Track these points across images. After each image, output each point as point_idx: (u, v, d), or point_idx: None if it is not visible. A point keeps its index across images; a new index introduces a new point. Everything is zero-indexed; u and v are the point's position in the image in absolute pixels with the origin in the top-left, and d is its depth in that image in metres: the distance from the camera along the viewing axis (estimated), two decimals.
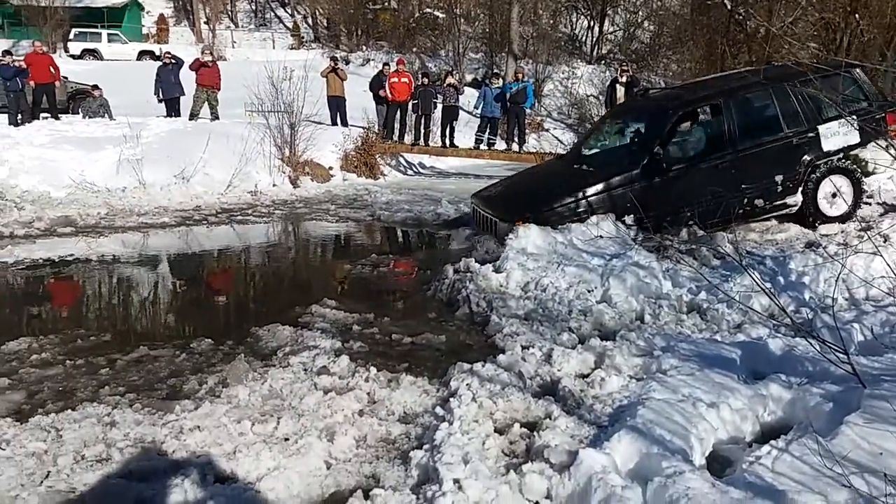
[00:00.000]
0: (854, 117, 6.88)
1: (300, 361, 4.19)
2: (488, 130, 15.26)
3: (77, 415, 3.31)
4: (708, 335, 4.53)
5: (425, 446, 3.17)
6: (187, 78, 14.39)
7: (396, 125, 15.00)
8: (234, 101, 14.72)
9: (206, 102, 14.14)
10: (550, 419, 3.34)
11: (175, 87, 14.67)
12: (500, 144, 15.57)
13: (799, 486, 2.55)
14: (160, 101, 14.72)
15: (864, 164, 7.16)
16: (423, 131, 14.86)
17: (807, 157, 7.03)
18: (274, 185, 11.95)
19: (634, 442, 2.99)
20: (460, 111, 15.90)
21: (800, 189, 7.06)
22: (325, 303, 5.49)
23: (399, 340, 4.78)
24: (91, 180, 10.43)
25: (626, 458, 2.94)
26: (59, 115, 13.96)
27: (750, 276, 4.42)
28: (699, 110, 7.72)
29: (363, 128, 14.97)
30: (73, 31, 30.62)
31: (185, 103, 14.62)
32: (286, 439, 3.26)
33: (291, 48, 34.24)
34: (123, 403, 3.53)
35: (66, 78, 15.86)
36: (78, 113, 15.18)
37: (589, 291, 5.30)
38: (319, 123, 13.85)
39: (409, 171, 15.89)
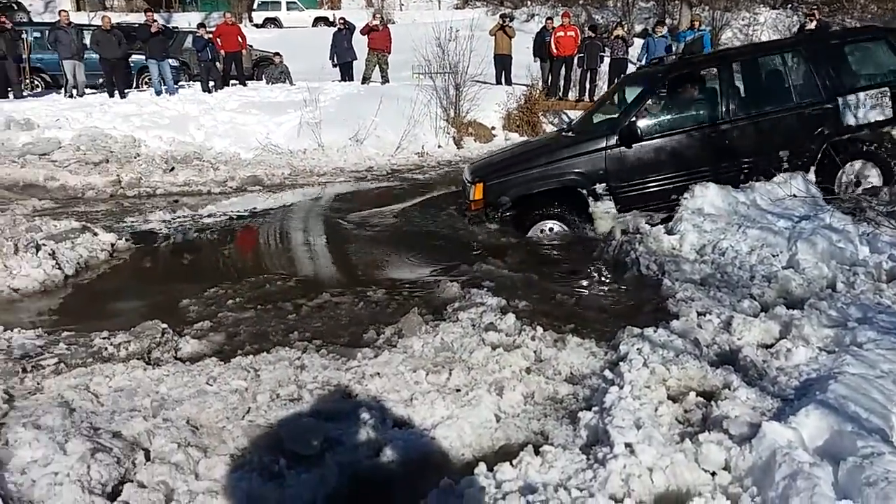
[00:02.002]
0: (886, 89, 6.02)
1: (468, 317, 4.29)
2: None
3: (272, 357, 3.63)
4: None
5: (594, 408, 3.15)
6: (359, 42, 14.95)
7: (561, 81, 14.68)
8: (403, 64, 15.10)
9: (377, 66, 14.63)
10: (729, 389, 3.19)
11: (348, 52, 15.31)
12: None
13: None
14: (335, 65, 15.44)
15: None
16: (588, 86, 14.42)
17: (822, 132, 6.06)
18: (439, 147, 12.21)
19: (824, 418, 2.78)
20: (629, 64, 15.24)
21: (812, 168, 6.12)
22: (490, 261, 5.58)
23: (565, 301, 4.76)
24: (275, 142, 11.24)
25: (815, 434, 2.73)
26: (246, 82, 15.10)
27: None
28: (700, 76, 6.73)
29: (527, 86, 14.80)
30: (256, 1, 32.73)
31: (357, 67, 15.24)
32: (458, 390, 3.37)
33: (457, 7, 34.38)
34: (311, 348, 3.82)
35: (251, 46, 17.04)
36: (262, 79, 16.32)
37: (773, 256, 4.93)
38: (484, 83, 13.88)
39: None
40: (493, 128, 13.61)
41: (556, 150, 6.47)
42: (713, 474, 2.64)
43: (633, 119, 6.08)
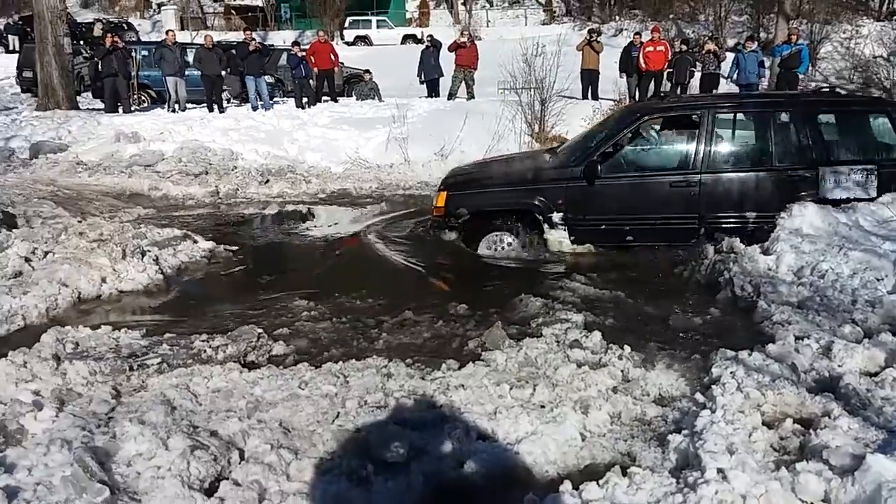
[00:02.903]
0: (874, 167, 5.61)
1: (552, 333, 4.26)
2: None
3: (360, 364, 3.72)
4: None
5: (684, 431, 3.06)
6: (446, 59, 15.18)
7: (649, 96, 14.45)
8: (489, 80, 15.22)
9: (464, 82, 14.81)
10: (829, 418, 3.03)
11: (435, 69, 15.58)
12: None
13: None
14: (422, 82, 15.74)
15: None
16: None
17: (795, 200, 5.63)
18: None
19: None
20: (721, 79, 14.83)
21: None
22: (574, 277, 5.52)
23: (653, 320, 4.66)
24: (364, 157, 11.54)
25: None
26: (337, 98, 15.57)
27: None
28: (679, 121, 6.40)
29: (613, 101, 14.63)
30: (348, 19, 33.77)
31: (444, 84, 15.46)
32: (542, 406, 3.36)
33: (543, 24, 34.44)
34: (396, 358, 3.88)
35: (342, 64, 17.59)
36: (352, 96, 16.80)
37: (878, 280, 4.68)
38: (570, 98, 13.80)
39: None
40: None
41: (523, 172, 6.54)
42: None
43: (597, 156, 6.00)
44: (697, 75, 14.66)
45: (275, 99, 15.47)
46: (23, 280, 5.09)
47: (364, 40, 32.40)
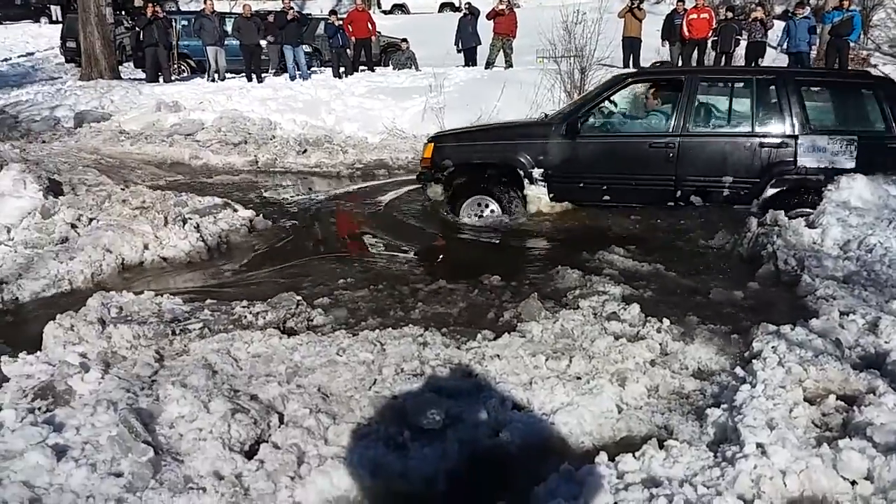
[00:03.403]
0: (854, 138, 5.71)
1: (590, 305, 4.22)
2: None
3: (396, 332, 3.74)
4: None
5: (723, 405, 3.03)
6: (484, 27, 14.96)
7: (692, 64, 14.08)
8: (527, 48, 14.99)
9: (501, 50, 14.62)
10: (874, 395, 2.96)
11: (472, 37, 15.39)
12: None
13: None
14: (459, 51, 15.57)
15: None
16: None
17: (773, 167, 5.85)
18: None
19: None
20: (768, 48, 14.38)
21: (755, 200, 5.90)
22: (613, 249, 5.45)
23: (693, 293, 4.59)
24: (400, 127, 11.51)
25: None
26: (374, 68, 15.51)
27: None
28: (663, 87, 6.62)
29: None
30: None
31: (482, 52, 15.27)
32: (578, 378, 3.34)
33: None
34: (432, 327, 3.90)
35: (379, 33, 17.50)
36: (389, 65, 16.71)
37: None
38: (611, 66, 13.51)
39: None
40: None
41: (510, 129, 6.92)
42: (853, 483, 2.48)
43: (580, 114, 6.22)
44: (743, 44, 14.23)
45: (312, 68, 15.48)
46: (69, 246, 5.22)
47: (401, 8, 32.09)
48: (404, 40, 16.77)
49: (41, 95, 14.11)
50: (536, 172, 6.27)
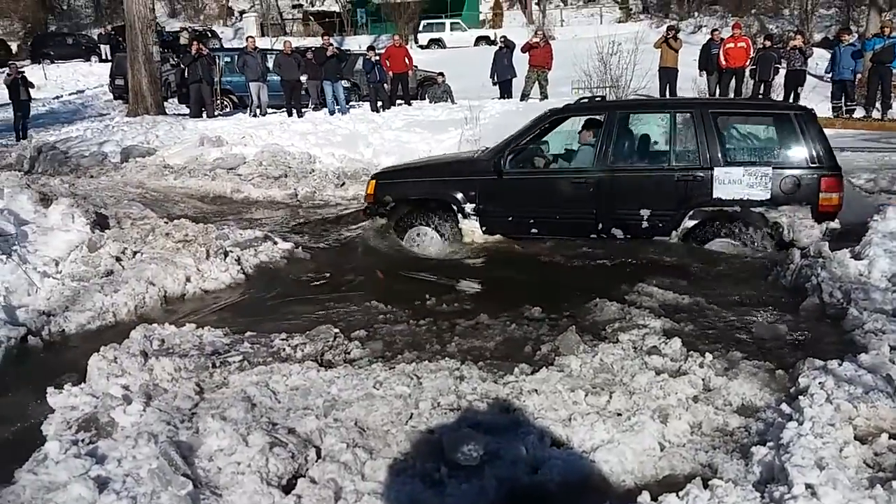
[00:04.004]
0: (769, 168, 5.76)
1: (629, 339, 4.16)
2: (844, 96, 13.39)
3: (433, 366, 3.73)
4: None
5: (769, 443, 2.94)
6: (519, 60, 15.09)
7: (730, 94, 13.97)
8: (563, 80, 15.06)
9: (537, 82, 14.70)
10: None
11: (508, 70, 15.54)
12: (860, 111, 13.56)
13: None
14: (494, 83, 15.71)
15: (779, 228, 5.76)
16: None
17: (689, 199, 5.95)
18: None
19: None
20: (807, 76, 14.20)
21: (674, 232, 6.05)
22: (651, 281, 5.37)
23: (736, 327, 4.48)
24: None
25: None
26: (411, 101, 15.73)
27: None
28: (586, 122, 6.75)
29: None
30: (422, 22, 34.07)
31: (517, 84, 15.38)
32: (619, 414, 3.28)
33: (619, 21, 33.83)
34: (469, 361, 3.87)
35: (416, 67, 17.77)
36: (426, 98, 16.93)
37: None
38: (647, 96, 13.50)
39: None
40: None
41: (445, 166, 7.33)
42: None
43: (505, 152, 6.44)
44: (782, 72, 14.09)
45: (351, 103, 15.76)
46: (113, 279, 5.34)
47: (437, 43, 32.62)
48: (441, 74, 16.99)
49: (90, 131, 14.62)
50: (469, 207, 6.58)
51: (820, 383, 3.34)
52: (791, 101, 13.66)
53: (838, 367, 3.50)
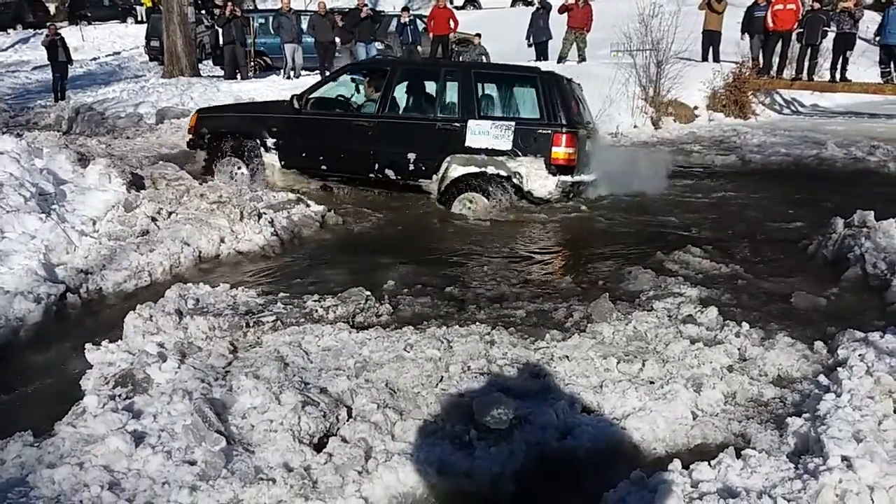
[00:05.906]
0: (512, 123, 6.68)
1: (664, 307, 4.11)
2: (893, 62, 12.87)
3: (464, 330, 3.72)
4: None
5: (805, 415, 2.89)
6: (557, 21, 14.75)
7: (776, 58, 13.51)
8: (601, 42, 14.72)
9: (574, 44, 14.38)
10: None
11: (544, 31, 15.23)
12: None
13: None
14: (530, 45, 15.42)
15: (519, 177, 6.63)
16: (807, 64, 13.14)
17: (447, 146, 6.82)
18: (635, 127, 11.79)
19: None
20: (857, 39, 13.66)
21: (434, 175, 6.89)
22: (689, 250, 5.28)
23: (774, 297, 4.40)
24: None
25: None
26: None
27: None
28: (375, 74, 7.68)
29: (736, 63, 13.79)
30: None
31: (553, 46, 15.07)
32: (651, 382, 3.25)
33: None
34: (500, 326, 3.85)
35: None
36: (461, 59, 16.69)
37: None
38: (688, 60, 13.14)
39: (786, 111, 14.31)
40: (695, 107, 12.90)
41: (257, 105, 8.88)
42: None
43: (306, 92, 7.37)
44: (831, 35, 13.56)
45: None
46: (149, 238, 5.41)
47: (473, 4, 32.02)
48: (477, 35, 16.70)
49: (126, 93, 14.76)
50: (270, 142, 7.38)
51: (860, 355, 3.27)
52: (840, 65, 13.17)
53: (880, 340, 3.41)
